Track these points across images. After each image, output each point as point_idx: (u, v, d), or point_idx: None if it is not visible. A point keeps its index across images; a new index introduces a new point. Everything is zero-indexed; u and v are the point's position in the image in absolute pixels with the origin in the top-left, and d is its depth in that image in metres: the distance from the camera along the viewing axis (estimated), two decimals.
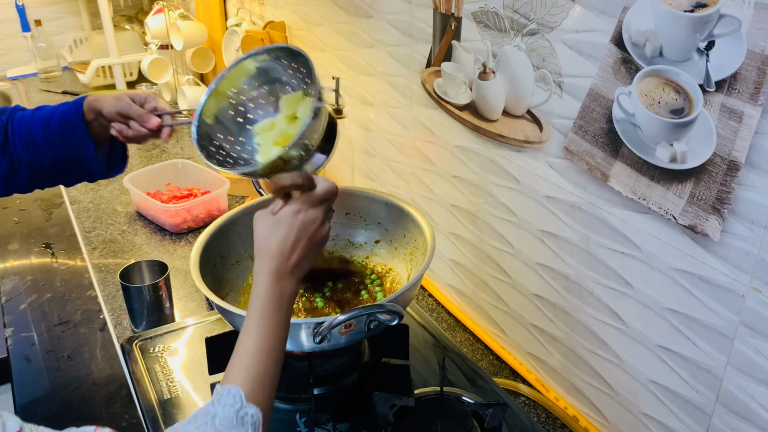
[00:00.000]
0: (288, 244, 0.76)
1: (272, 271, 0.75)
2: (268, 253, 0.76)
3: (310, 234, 0.77)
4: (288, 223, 0.76)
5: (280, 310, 0.74)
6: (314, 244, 0.78)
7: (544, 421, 1.04)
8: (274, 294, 0.74)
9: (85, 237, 1.57)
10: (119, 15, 2.82)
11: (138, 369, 1.11)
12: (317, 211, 0.78)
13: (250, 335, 0.72)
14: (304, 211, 0.77)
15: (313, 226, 0.78)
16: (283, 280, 0.75)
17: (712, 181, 0.72)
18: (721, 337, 0.76)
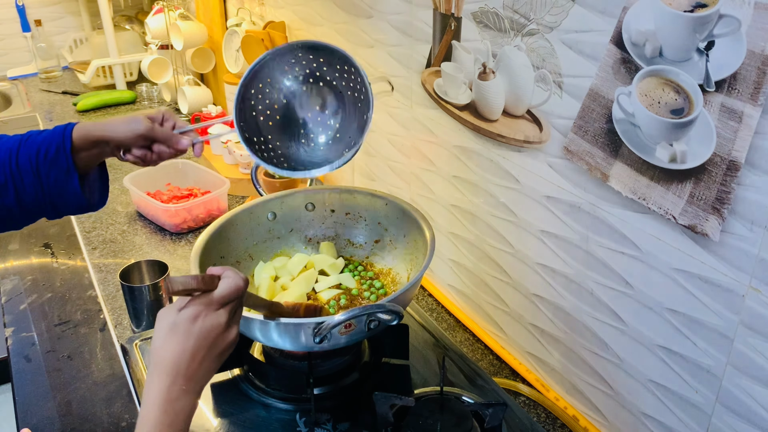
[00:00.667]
0: (185, 356, 0.67)
1: (163, 394, 0.66)
2: (160, 368, 0.67)
3: (209, 343, 0.69)
4: (184, 330, 0.68)
5: None
6: (217, 354, 0.70)
7: (544, 421, 1.04)
8: (165, 422, 0.65)
9: (85, 237, 1.57)
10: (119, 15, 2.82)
11: (138, 369, 1.11)
12: (219, 315, 0.70)
13: None
14: (203, 317, 0.68)
15: (213, 333, 0.69)
16: (177, 402, 0.66)
17: (712, 181, 0.72)
18: (721, 337, 0.76)
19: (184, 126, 0.95)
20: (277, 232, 1.18)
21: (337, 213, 1.19)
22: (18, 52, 2.83)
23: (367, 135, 0.94)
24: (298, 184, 1.57)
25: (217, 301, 0.70)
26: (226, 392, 1.04)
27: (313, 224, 1.20)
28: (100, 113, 2.38)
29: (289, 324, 0.90)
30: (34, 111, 2.41)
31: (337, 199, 1.19)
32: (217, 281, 0.72)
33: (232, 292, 0.71)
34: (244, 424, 0.98)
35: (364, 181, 1.54)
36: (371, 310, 0.86)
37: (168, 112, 0.95)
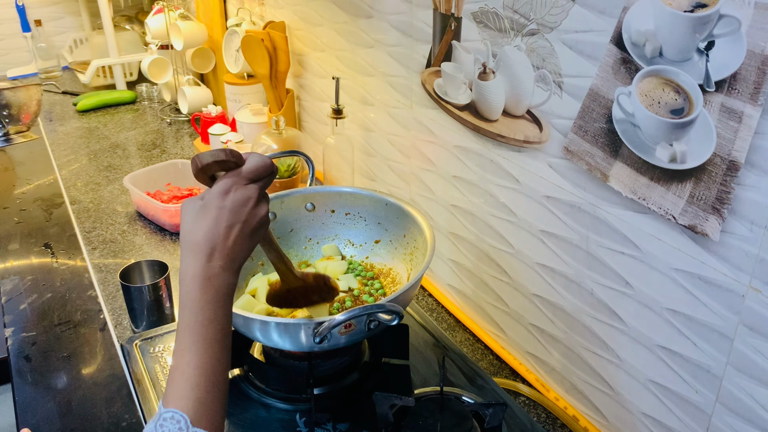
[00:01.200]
0: (219, 231, 0.65)
1: (200, 272, 0.64)
2: (194, 248, 0.65)
3: (243, 218, 0.67)
4: (215, 206, 0.66)
5: (215, 319, 0.64)
6: (251, 229, 0.68)
7: (544, 421, 1.04)
8: (205, 302, 0.64)
9: (85, 237, 1.57)
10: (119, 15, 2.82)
11: (138, 369, 1.11)
12: (249, 189, 0.68)
13: (185, 356, 0.63)
14: (233, 191, 0.66)
15: (246, 208, 0.67)
16: (215, 279, 0.65)
17: (712, 181, 0.72)
18: (721, 337, 0.76)
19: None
20: (277, 232, 1.18)
21: (337, 213, 1.19)
22: (18, 52, 2.83)
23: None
24: (298, 184, 1.57)
25: (246, 176, 0.68)
26: None
27: (313, 224, 1.20)
28: (100, 113, 2.38)
29: (289, 324, 0.90)
30: None
31: (337, 199, 1.19)
32: (243, 160, 0.69)
33: (260, 168, 0.69)
34: (244, 424, 0.98)
35: (364, 181, 1.54)
36: (371, 310, 0.86)
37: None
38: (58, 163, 1.98)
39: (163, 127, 2.25)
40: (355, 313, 0.85)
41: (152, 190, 1.67)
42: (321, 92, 1.67)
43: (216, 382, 0.64)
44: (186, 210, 0.68)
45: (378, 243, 1.17)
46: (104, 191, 1.79)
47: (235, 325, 0.95)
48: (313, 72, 1.68)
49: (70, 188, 1.82)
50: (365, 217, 1.18)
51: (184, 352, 0.63)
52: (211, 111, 1.98)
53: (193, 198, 0.69)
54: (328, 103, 1.53)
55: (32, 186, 1.84)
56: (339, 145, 1.48)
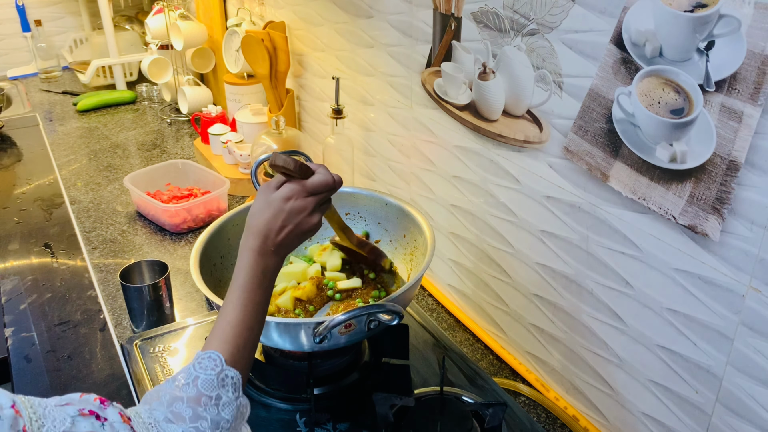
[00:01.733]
0: (274, 227, 0.78)
1: (256, 248, 0.77)
2: (254, 230, 0.78)
3: (296, 222, 0.79)
4: (277, 207, 0.79)
5: (261, 286, 0.77)
6: (301, 232, 0.80)
7: (544, 421, 1.04)
8: (257, 270, 0.77)
9: (85, 237, 1.57)
10: (119, 15, 2.82)
11: (138, 369, 1.11)
12: (307, 201, 0.80)
13: (232, 309, 0.75)
14: (294, 199, 0.79)
15: (300, 216, 0.79)
16: (267, 257, 0.78)
17: (712, 181, 0.72)
18: (721, 337, 0.76)
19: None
20: None
21: None
22: (18, 52, 2.83)
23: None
24: None
25: (308, 190, 0.80)
26: None
27: None
28: (100, 113, 2.38)
29: (289, 324, 0.90)
30: (34, 111, 2.41)
31: (337, 199, 1.18)
32: (311, 173, 0.81)
33: (321, 185, 0.80)
34: None
35: (364, 181, 1.54)
36: (371, 310, 0.86)
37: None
38: (58, 163, 1.98)
39: (163, 127, 2.25)
40: (355, 313, 0.85)
41: (152, 190, 1.67)
42: (321, 92, 1.67)
43: (253, 336, 0.76)
44: (261, 194, 0.81)
45: (378, 243, 1.17)
46: (104, 191, 1.79)
47: None
48: (313, 72, 1.68)
49: (70, 188, 1.82)
50: (365, 217, 1.18)
51: (232, 306, 0.75)
52: (211, 111, 1.98)
53: (269, 185, 0.81)
54: (328, 103, 1.53)
55: (32, 186, 1.84)
56: (339, 145, 1.47)
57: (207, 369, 0.70)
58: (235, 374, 0.71)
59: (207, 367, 0.70)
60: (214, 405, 0.69)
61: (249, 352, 0.75)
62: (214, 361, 0.70)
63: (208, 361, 0.70)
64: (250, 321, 0.75)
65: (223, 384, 0.70)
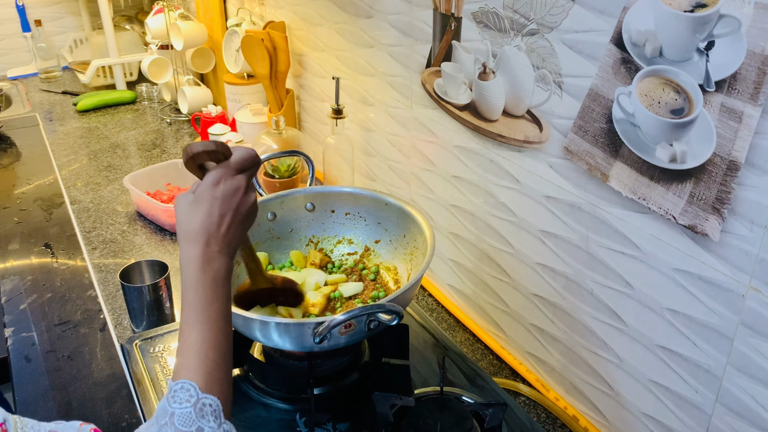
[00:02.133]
0: (213, 219, 0.71)
1: (199, 257, 0.70)
2: (191, 236, 0.71)
3: (234, 206, 0.72)
4: (207, 198, 0.71)
5: (216, 299, 0.70)
6: (242, 216, 0.74)
7: (544, 421, 1.04)
8: (206, 282, 0.70)
9: (85, 237, 1.57)
10: (119, 15, 2.82)
11: (138, 369, 1.11)
12: (238, 179, 0.73)
13: (191, 332, 0.69)
14: (224, 182, 0.72)
15: (236, 198, 0.73)
16: (213, 263, 0.70)
17: (712, 181, 0.72)
18: (721, 337, 0.76)
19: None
20: (277, 232, 1.18)
21: (337, 213, 1.19)
22: (18, 52, 2.83)
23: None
24: (298, 184, 1.57)
25: (234, 167, 0.73)
26: None
27: (313, 224, 1.20)
28: (100, 113, 2.38)
29: (289, 324, 0.90)
30: (34, 111, 2.41)
31: (337, 199, 1.19)
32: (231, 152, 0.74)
33: (247, 159, 0.74)
34: (244, 424, 0.98)
35: (364, 181, 1.54)
36: (371, 310, 0.86)
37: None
38: (58, 163, 1.98)
39: (163, 127, 2.25)
40: (355, 313, 0.85)
41: (152, 190, 1.67)
42: (321, 92, 1.67)
43: (223, 354, 0.69)
44: (180, 204, 0.73)
45: (378, 243, 1.17)
46: (104, 191, 1.79)
47: (235, 325, 0.95)
48: (313, 72, 1.68)
49: (70, 188, 1.81)
50: (365, 217, 1.18)
51: (190, 328, 0.69)
52: (211, 111, 1.98)
53: (184, 193, 0.73)
54: (328, 103, 1.53)
55: (32, 186, 1.84)
56: (339, 145, 1.48)
57: (182, 402, 0.64)
58: (214, 401, 0.66)
59: (182, 400, 0.64)
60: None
61: (223, 371, 0.69)
62: (188, 392, 0.65)
63: (181, 392, 0.65)
64: (214, 339, 0.68)
65: (202, 414, 0.65)
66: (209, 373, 0.67)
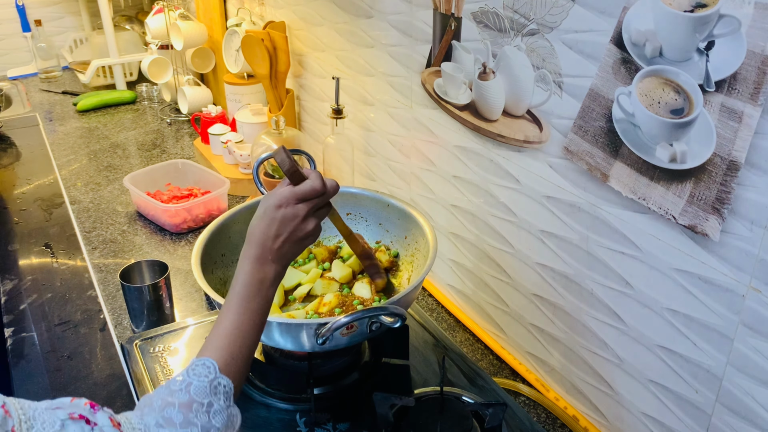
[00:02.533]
0: (269, 236, 0.78)
1: (254, 257, 0.78)
2: (252, 239, 0.79)
3: (290, 229, 0.79)
4: (270, 216, 0.79)
5: (259, 295, 0.77)
6: (297, 239, 0.80)
7: (544, 421, 1.04)
8: (255, 279, 0.77)
9: (85, 237, 1.57)
10: (119, 15, 2.82)
11: (138, 369, 1.11)
12: (298, 208, 0.79)
13: (228, 316, 0.75)
14: (285, 207, 0.79)
15: (293, 223, 0.79)
16: (265, 266, 0.78)
17: (712, 181, 0.73)
18: (721, 337, 0.76)
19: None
20: None
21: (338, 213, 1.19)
22: (18, 52, 2.83)
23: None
24: None
25: (297, 196, 0.79)
26: None
27: None
28: (100, 113, 2.38)
29: (291, 324, 0.90)
30: (34, 111, 2.41)
31: (338, 200, 1.19)
32: (303, 179, 0.80)
33: (308, 192, 0.80)
34: (244, 424, 0.98)
35: (364, 181, 1.54)
36: (374, 312, 0.86)
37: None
38: (58, 163, 1.98)
39: (163, 127, 2.25)
40: (358, 315, 0.85)
41: (152, 190, 1.67)
42: (321, 92, 1.67)
43: (249, 345, 0.75)
44: (263, 202, 0.80)
45: (379, 244, 1.17)
46: (104, 191, 1.79)
47: None
48: (313, 72, 1.68)
49: (70, 188, 1.81)
50: (366, 217, 1.18)
51: (229, 313, 0.76)
52: (211, 111, 1.98)
53: (269, 195, 0.80)
54: (328, 103, 1.53)
55: (32, 186, 1.84)
56: (339, 145, 1.47)
57: (200, 376, 0.70)
58: (228, 383, 0.72)
59: (200, 374, 0.70)
60: (205, 412, 0.69)
61: (244, 360, 0.75)
62: (207, 368, 0.71)
63: (201, 368, 0.71)
64: (245, 329, 0.75)
65: (215, 392, 0.70)
66: (231, 357, 0.73)
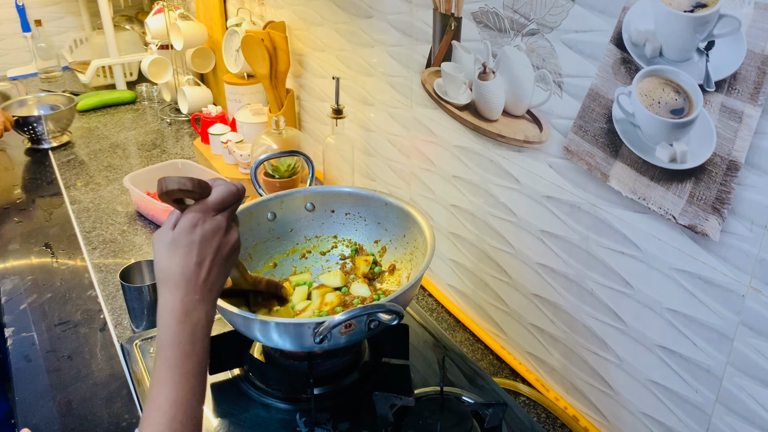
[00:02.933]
0: (191, 266, 0.66)
1: (178, 308, 0.66)
2: (170, 283, 0.66)
3: (214, 248, 0.68)
4: (186, 242, 0.66)
5: (192, 353, 0.66)
6: (223, 258, 0.69)
7: (544, 421, 1.04)
8: (184, 336, 0.65)
9: (85, 237, 1.57)
10: (119, 15, 2.82)
11: (138, 369, 1.11)
12: (218, 219, 0.69)
13: (161, 390, 0.64)
14: (201, 224, 0.67)
15: (215, 238, 0.68)
16: (193, 312, 0.66)
17: (712, 181, 0.72)
18: (721, 337, 0.76)
19: None
20: (277, 232, 1.18)
21: (337, 213, 1.19)
22: (18, 52, 2.83)
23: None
24: (298, 184, 1.57)
25: (213, 207, 0.68)
26: (226, 392, 1.04)
27: (313, 224, 1.20)
28: (100, 113, 2.38)
29: (289, 324, 0.90)
30: None
31: (337, 199, 1.19)
32: (209, 189, 0.69)
33: (227, 197, 0.69)
34: (244, 424, 0.98)
35: (364, 181, 1.54)
36: (371, 309, 0.86)
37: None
38: (59, 163, 1.98)
39: (163, 127, 2.25)
40: (355, 312, 0.85)
41: (152, 190, 1.67)
42: (321, 92, 1.67)
43: (192, 416, 0.65)
44: (157, 244, 0.68)
45: (377, 243, 1.17)
46: (104, 191, 1.79)
47: (235, 325, 0.95)
48: (313, 72, 1.68)
49: (70, 188, 1.81)
50: (365, 217, 1.18)
51: (161, 386, 0.65)
52: (211, 111, 1.98)
53: (162, 230, 0.68)
54: (328, 103, 1.53)
55: (32, 186, 1.84)
56: (339, 145, 1.47)
57: None
58: None
59: None
60: None
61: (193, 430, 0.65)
62: None
63: None
64: (183, 400, 0.64)
65: None
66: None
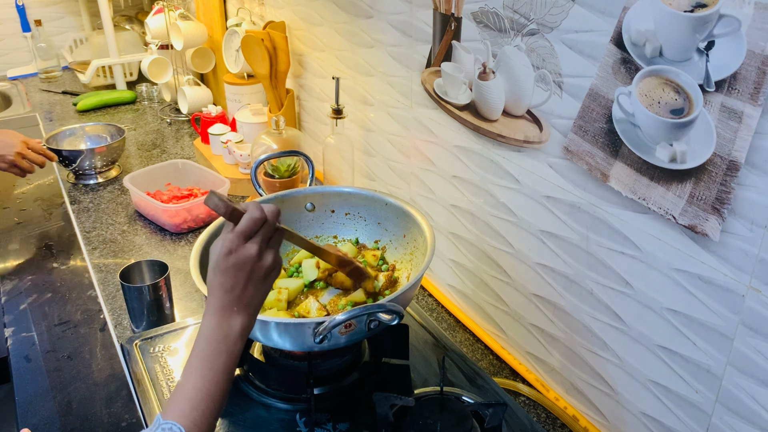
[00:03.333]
0: (227, 286, 0.74)
1: (218, 311, 0.73)
2: (213, 291, 0.74)
3: (247, 272, 0.74)
4: (222, 267, 0.74)
5: (224, 352, 0.73)
6: (259, 279, 0.75)
7: (544, 421, 1.04)
8: (219, 334, 0.73)
9: (85, 237, 1.57)
10: (119, 15, 2.82)
11: (138, 369, 1.11)
12: (248, 248, 0.74)
13: (191, 378, 0.71)
14: (235, 252, 0.73)
15: (247, 264, 0.74)
16: (230, 318, 0.73)
17: (712, 181, 0.72)
18: (721, 337, 0.76)
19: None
20: None
21: (337, 213, 1.19)
22: (18, 52, 2.83)
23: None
24: (298, 184, 1.57)
25: (240, 236, 0.74)
26: None
27: (313, 224, 1.20)
28: (100, 113, 2.38)
29: (289, 324, 0.90)
30: (34, 111, 2.41)
31: (337, 199, 1.19)
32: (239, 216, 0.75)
33: (250, 226, 0.74)
34: (244, 424, 0.98)
35: (364, 181, 1.54)
36: (371, 309, 0.86)
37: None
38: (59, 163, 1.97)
39: (163, 127, 2.25)
40: (355, 312, 0.85)
41: (152, 190, 1.67)
42: (321, 92, 1.68)
43: (214, 408, 0.72)
44: (212, 253, 0.75)
45: (378, 243, 1.17)
46: (104, 191, 1.79)
47: None
48: (313, 72, 1.68)
49: (70, 188, 1.81)
50: (365, 217, 1.18)
51: (191, 374, 0.72)
52: (211, 111, 1.98)
53: (218, 242, 0.75)
54: (328, 103, 1.53)
55: (32, 186, 1.84)
56: (339, 145, 1.48)
57: None
58: None
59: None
60: None
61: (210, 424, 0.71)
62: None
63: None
64: (210, 392, 0.71)
65: None
66: (196, 424, 0.69)
